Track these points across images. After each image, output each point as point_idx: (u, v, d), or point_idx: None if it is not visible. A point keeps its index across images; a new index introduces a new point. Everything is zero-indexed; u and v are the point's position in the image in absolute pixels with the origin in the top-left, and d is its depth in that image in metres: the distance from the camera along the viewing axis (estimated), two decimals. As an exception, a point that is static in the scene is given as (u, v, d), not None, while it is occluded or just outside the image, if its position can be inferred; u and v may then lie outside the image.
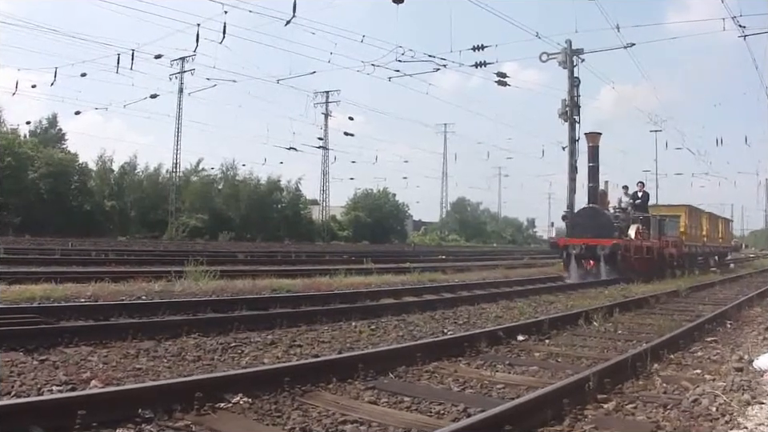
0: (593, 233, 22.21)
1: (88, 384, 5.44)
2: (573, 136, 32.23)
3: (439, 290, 15.43)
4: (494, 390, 5.87)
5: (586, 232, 22.47)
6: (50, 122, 73.24)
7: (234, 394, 5.13)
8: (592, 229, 22.41)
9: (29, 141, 65.84)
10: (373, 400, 5.41)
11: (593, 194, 23.73)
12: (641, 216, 24.85)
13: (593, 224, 22.61)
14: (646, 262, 23.60)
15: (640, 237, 23.51)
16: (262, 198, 78.77)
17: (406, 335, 8.92)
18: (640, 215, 24.88)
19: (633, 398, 5.61)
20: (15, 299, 10.22)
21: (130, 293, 11.75)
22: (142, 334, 7.78)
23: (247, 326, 8.77)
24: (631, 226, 23.60)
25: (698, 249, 33.12)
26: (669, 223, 28.06)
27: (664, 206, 33.42)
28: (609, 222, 22.68)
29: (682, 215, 31.03)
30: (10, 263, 18.44)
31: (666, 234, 26.93)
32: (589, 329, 9.86)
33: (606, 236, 21.92)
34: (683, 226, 30.53)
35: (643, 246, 23.47)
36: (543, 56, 33.50)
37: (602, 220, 22.74)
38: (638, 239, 23.30)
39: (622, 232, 22.75)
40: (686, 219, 31.06)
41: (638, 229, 23.64)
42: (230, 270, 17.73)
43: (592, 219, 22.86)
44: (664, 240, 26.19)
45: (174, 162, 68.13)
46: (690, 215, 32.33)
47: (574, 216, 24.41)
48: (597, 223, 22.58)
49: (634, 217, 24.43)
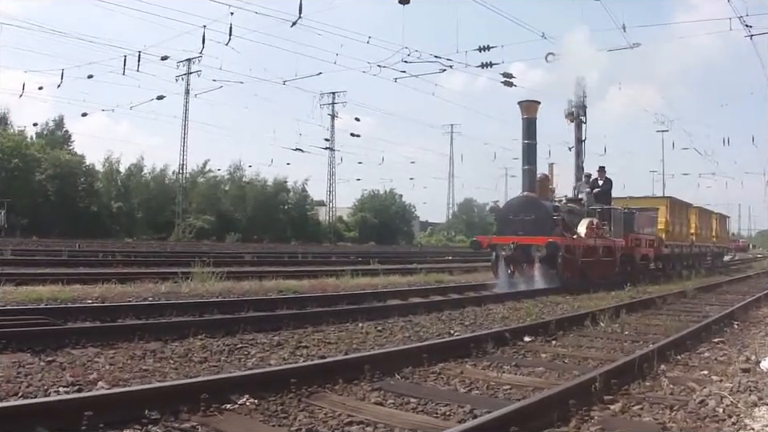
0: (526, 229, 17.80)
1: (95, 385, 5.45)
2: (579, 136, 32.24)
3: (446, 291, 15.40)
4: (500, 391, 5.86)
5: (518, 228, 17.97)
6: (57, 124, 73.78)
7: (241, 395, 5.14)
8: (525, 224, 17.92)
9: (36, 142, 66.27)
10: (379, 401, 5.40)
11: (528, 179, 18.73)
12: (599, 208, 20.77)
13: (526, 218, 18.00)
14: (603, 266, 19.82)
15: (594, 234, 19.11)
16: (269, 199, 79.07)
17: (413, 336, 8.91)
18: (598, 207, 20.80)
19: (639, 399, 5.59)
20: (23, 300, 10.27)
21: (137, 294, 11.80)
22: (149, 335, 7.79)
23: (254, 327, 8.76)
24: (583, 221, 19.36)
25: (683, 249, 29.72)
26: (642, 218, 23.53)
27: (640, 197, 29.07)
28: (546, 215, 17.83)
29: (661, 209, 26.97)
30: (17, 264, 18.52)
31: (638, 230, 22.71)
32: (595, 330, 9.85)
33: (542, 233, 17.40)
34: (663, 221, 26.56)
35: (597, 246, 19.26)
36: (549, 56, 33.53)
37: (538, 213, 17.98)
38: (591, 236, 18.93)
39: (567, 228, 18.32)
40: (666, 214, 27.07)
41: (591, 224, 19.25)
42: (237, 271, 17.77)
43: (526, 212, 18.13)
44: (633, 238, 21.99)
45: (181, 164, 68.64)
46: (673, 209, 28.35)
47: (504, 208, 19.42)
48: (531, 217, 17.94)
49: (590, 209, 20.44)
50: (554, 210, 17.93)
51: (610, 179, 22.28)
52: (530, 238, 17.58)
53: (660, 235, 25.59)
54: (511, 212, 18.53)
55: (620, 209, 22.16)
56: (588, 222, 19.31)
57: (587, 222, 19.25)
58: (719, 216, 41.56)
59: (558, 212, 17.89)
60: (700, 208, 35.13)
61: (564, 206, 19.21)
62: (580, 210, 20.13)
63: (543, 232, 17.36)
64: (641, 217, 23.34)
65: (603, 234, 19.85)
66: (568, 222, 18.62)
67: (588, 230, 18.98)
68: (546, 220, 17.73)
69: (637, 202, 26.76)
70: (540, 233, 17.38)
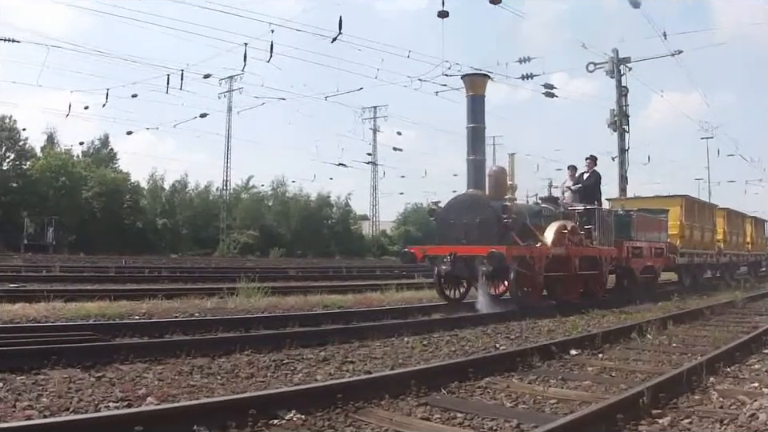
0: (471, 236, 14.00)
1: (144, 400, 5.52)
2: (622, 146, 32.02)
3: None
4: (546, 406, 5.80)
5: (461, 235, 14.17)
6: (103, 143, 75.05)
7: (288, 410, 5.14)
8: (469, 230, 14.10)
9: (82, 161, 67.51)
10: (426, 416, 5.38)
11: (475, 172, 14.79)
12: (579, 209, 16.99)
13: (470, 222, 14.15)
14: (582, 282, 16.04)
15: (568, 240, 15.13)
16: (313, 214, 79.53)
17: (458, 350, 8.86)
18: (579, 207, 17.05)
19: (688, 412, 5.50)
20: (72, 316, 10.46)
21: (184, 310, 11.92)
22: (196, 350, 7.84)
23: (299, 342, 8.78)
24: (552, 225, 15.13)
25: (707, 259, 25.53)
26: (644, 221, 19.80)
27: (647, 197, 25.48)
28: (492, 218, 13.94)
29: (674, 210, 22.55)
30: (65, 281, 18.86)
31: (638, 236, 19.13)
32: (642, 342, 9.72)
33: (488, 240, 13.54)
34: (677, 225, 22.38)
35: (570, 256, 15.15)
36: (590, 66, 33.39)
37: (484, 215, 14.06)
38: (561, 244, 14.91)
39: (526, 234, 14.50)
40: (681, 216, 22.75)
41: (561, 228, 15.07)
42: (282, 286, 17.90)
43: (469, 214, 14.25)
44: (630, 246, 18.45)
45: (225, 180, 69.20)
46: (690, 210, 24.02)
47: (444, 209, 15.14)
48: (476, 220, 14.08)
49: (568, 210, 16.68)
50: (502, 210, 13.95)
51: (597, 172, 18.39)
52: (471, 247, 13.72)
53: (673, 242, 21.92)
54: (452, 215, 14.60)
55: (609, 209, 19.09)
56: (558, 225, 15.13)
57: (557, 226, 15.07)
58: (754, 220, 36.44)
59: (508, 213, 13.93)
60: (729, 210, 30.64)
61: (525, 207, 15.61)
62: (554, 211, 16.18)
63: (489, 239, 13.61)
64: (642, 219, 19.71)
65: (581, 240, 15.93)
66: (531, 227, 14.84)
67: (557, 236, 14.85)
68: (491, 224, 13.95)
69: (642, 202, 23.74)
70: (486, 240, 13.60)
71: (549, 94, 34.09)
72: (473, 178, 14.76)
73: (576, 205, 17.21)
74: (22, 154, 63.20)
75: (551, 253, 14.60)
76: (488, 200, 14.44)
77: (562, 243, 14.97)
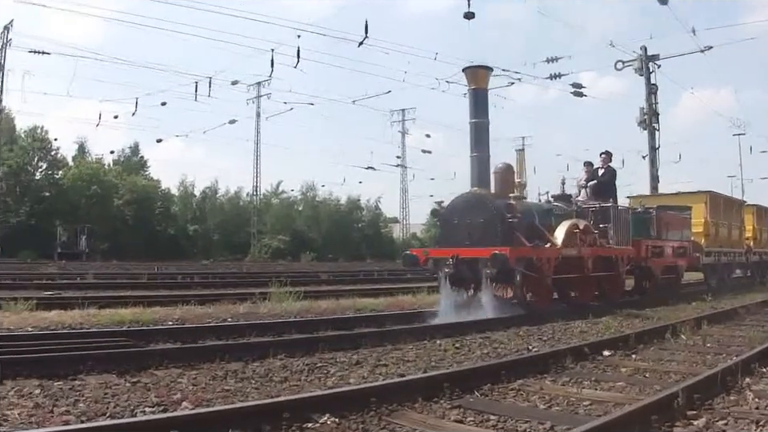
0: (474, 237, 13.27)
1: (179, 405, 5.57)
2: (653, 144, 31.80)
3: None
4: (580, 407, 5.78)
5: (464, 236, 13.46)
6: (133, 151, 75.55)
7: (322, 414, 5.17)
8: (473, 231, 13.36)
9: (113, 169, 68.12)
10: (459, 419, 5.39)
11: (479, 170, 13.95)
12: (593, 207, 15.96)
13: (473, 222, 13.42)
14: (593, 284, 15.16)
15: (580, 239, 14.44)
16: (343, 217, 79.60)
17: (491, 353, 8.85)
18: (593, 205, 16.02)
19: (724, 414, 5.45)
20: (106, 323, 10.59)
21: (216, 315, 12.02)
22: (230, 355, 7.89)
23: (332, 346, 8.80)
24: (563, 224, 14.33)
25: (735, 258, 24.34)
26: (666, 219, 18.88)
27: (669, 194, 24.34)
28: (496, 218, 13.13)
29: (698, 207, 21.45)
30: (99, 288, 19.01)
31: (659, 235, 18.36)
32: (676, 342, 9.65)
33: (492, 241, 12.84)
34: (702, 223, 21.41)
35: (583, 257, 14.40)
36: (618, 64, 33.26)
37: (487, 214, 13.27)
38: (573, 244, 14.19)
39: (535, 234, 13.63)
40: (706, 213, 21.74)
41: (573, 227, 14.34)
42: (314, 290, 17.92)
43: (472, 214, 13.49)
44: (650, 245, 17.65)
45: (255, 185, 69.42)
46: (716, 207, 22.80)
47: (447, 209, 14.35)
48: (479, 220, 13.36)
49: (582, 208, 15.80)
50: (506, 209, 13.12)
51: (612, 168, 17.39)
52: (474, 249, 13.01)
53: (697, 240, 20.98)
54: (455, 215, 13.88)
55: (626, 207, 18.01)
56: (569, 224, 14.34)
57: (568, 225, 14.29)
58: None
59: (512, 212, 13.08)
60: (758, 206, 29.00)
61: (533, 205, 14.76)
62: (567, 209, 15.38)
63: (493, 240, 12.91)
64: (664, 217, 18.80)
65: (595, 239, 15.08)
66: (540, 227, 14.00)
67: (568, 236, 14.10)
68: (495, 224, 13.16)
69: (664, 199, 22.85)
70: (489, 242, 12.91)
71: (577, 93, 34.07)
72: (476, 175, 13.95)
73: (590, 202, 16.28)
74: (54, 164, 63.87)
75: (561, 254, 13.82)
76: (492, 199, 13.61)
77: (574, 243, 14.25)
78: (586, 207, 15.91)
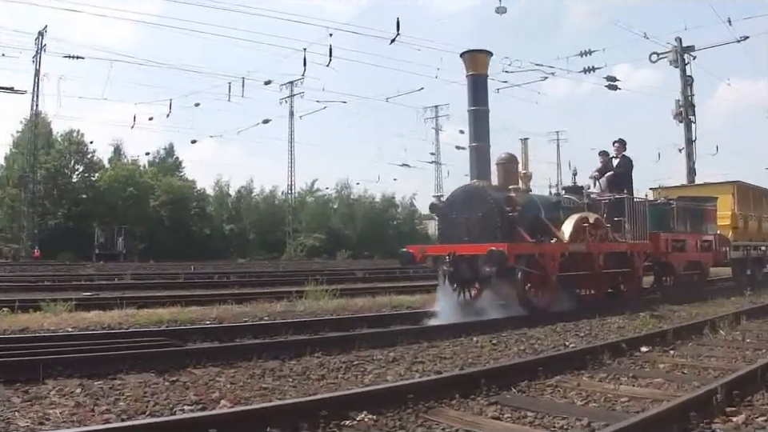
0: (473, 233, 12.47)
1: (218, 403, 5.62)
2: (689, 137, 31.44)
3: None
4: (618, 404, 5.75)
5: (463, 232, 12.68)
6: (168, 152, 76.05)
7: (359, 411, 5.19)
8: (472, 226, 12.56)
9: (148, 170, 68.65)
10: (496, 415, 5.38)
11: (478, 161, 13.15)
12: (606, 199, 15.07)
13: (472, 217, 12.61)
14: (605, 282, 14.31)
15: (589, 233, 13.42)
16: (378, 215, 79.62)
17: (528, 349, 8.81)
18: (606, 198, 15.13)
19: (764, 410, 5.38)
20: (145, 323, 10.72)
21: (253, 314, 12.08)
22: (267, 354, 7.95)
23: (369, 343, 8.83)
24: (571, 217, 13.36)
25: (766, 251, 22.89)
26: (688, 211, 17.67)
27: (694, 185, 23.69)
28: (494, 212, 12.31)
29: (725, 199, 19.92)
30: (137, 288, 19.24)
31: (681, 228, 17.22)
32: (715, 338, 9.54)
33: (491, 237, 12.08)
34: (729, 215, 19.99)
35: (593, 253, 13.53)
36: (653, 56, 32.94)
37: (486, 208, 12.41)
38: (581, 238, 13.24)
39: (540, 229, 12.79)
40: (733, 205, 20.36)
41: (581, 220, 13.37)
42: (350, 288, 17.92)
43: (471, 208, 12.67)
44: (670, 239, 16.53)
45: (289, 184, 69.63)
46: (744, 198, 21.32)
47: (445, 204, 13.64)
48: (478, 215, 12.53)
49: (592, 201, 14.67)
50: (506, 202, 12.32)
51: (628, 158, 16.23)
52: (471, 245, 12.26)
53: (724, 233, 19.62)
54: (453, 209, 13.09)
55: (643, 198, 16.52)
56: (578, 218, 13.37)
57: (576, 219, 13.31)
58: None
59: (512, 205, 12.29)
60: None
61: (539, 198, 13.66)
62: (577, 202, 14.35)
63: (492, 236, 12.16)
64: (685, 209, 17.62)
65: (606, 233, 14.18)
66: (546, 221, 13.09)
67: (576, 230, 13.20)
68: (494, 218, 12.34)
69: (687, 190, 21.47)
70: (488, 237, 12.16)
71: (612, 86, 33.81)
72: (476, 167, 13.10)
73: (603, 194, 15.35)
74: (91, 166, 64.48)
75: (568, 249, 12.95)
76: (491, 191, 12.73)
77: (583, 238, 13.33)
78: (599, 200, 15.05)
